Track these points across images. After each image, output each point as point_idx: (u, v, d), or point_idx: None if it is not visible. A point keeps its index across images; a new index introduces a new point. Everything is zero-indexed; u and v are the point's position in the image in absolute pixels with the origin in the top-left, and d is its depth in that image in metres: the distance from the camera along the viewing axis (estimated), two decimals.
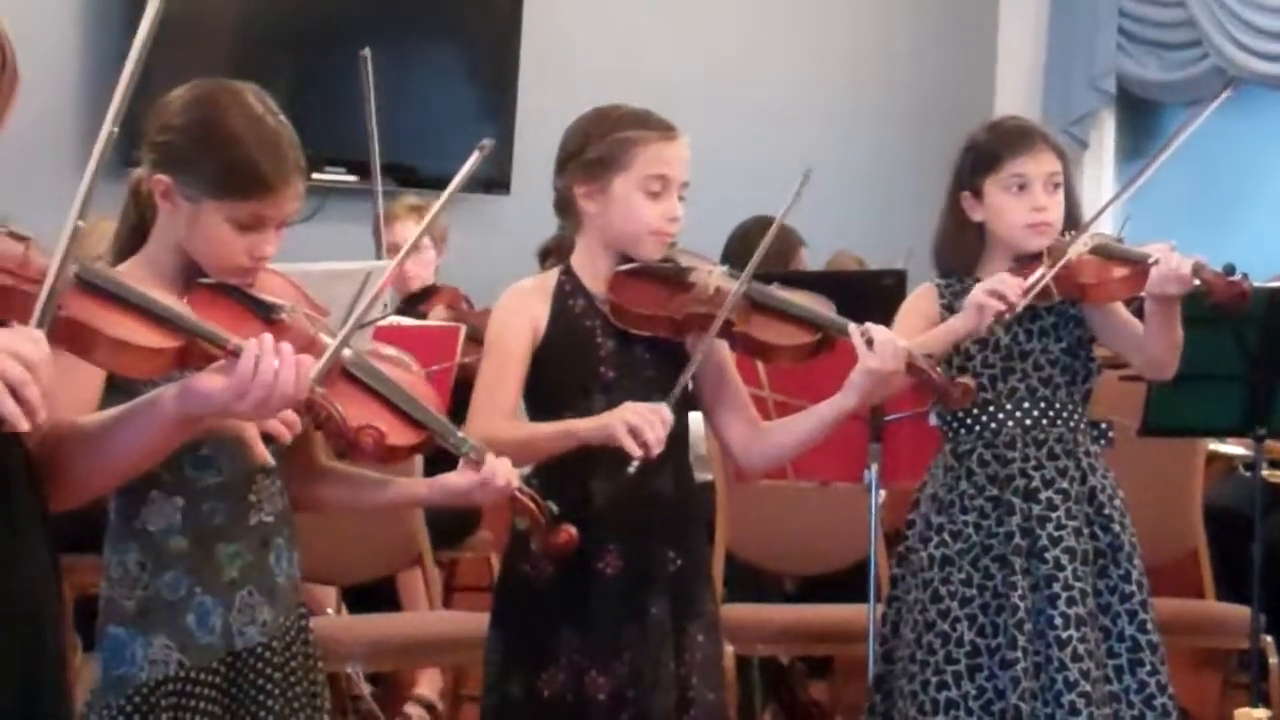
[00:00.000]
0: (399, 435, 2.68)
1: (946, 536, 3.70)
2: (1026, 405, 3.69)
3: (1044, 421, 3.69)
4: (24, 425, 1.96)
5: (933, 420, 3.78)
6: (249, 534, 2.78)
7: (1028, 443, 3.69)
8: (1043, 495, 3.67)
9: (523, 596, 3.26)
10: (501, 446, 2.82)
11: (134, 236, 2.81)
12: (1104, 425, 3.77)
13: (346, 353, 2.67)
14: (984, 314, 3.51)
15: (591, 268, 3.31)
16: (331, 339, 2.64)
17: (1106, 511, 3.70)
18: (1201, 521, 5.09)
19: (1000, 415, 3.69)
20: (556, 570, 3.19)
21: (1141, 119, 8.96)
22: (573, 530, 2.83)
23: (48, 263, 2.09)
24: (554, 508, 2.83)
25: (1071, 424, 3.71)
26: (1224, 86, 3.76)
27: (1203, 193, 8.60)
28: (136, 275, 2.68)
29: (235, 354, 2.31)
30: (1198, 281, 3.49)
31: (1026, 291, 3.53)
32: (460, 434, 2.76)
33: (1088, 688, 3.58)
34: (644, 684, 3.21)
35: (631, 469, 3.07)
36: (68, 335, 2.19)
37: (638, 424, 3.06)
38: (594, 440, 3.12)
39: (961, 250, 3.76)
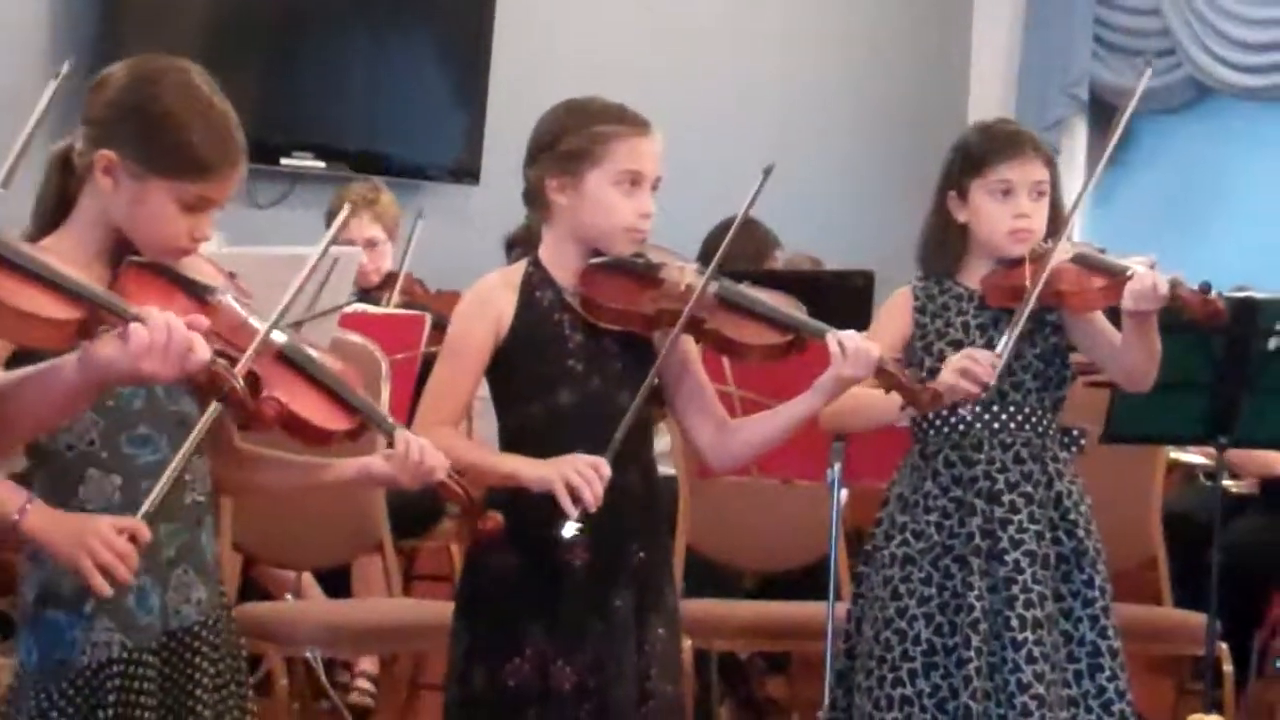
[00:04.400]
0: (333, 420, 2.69)
1: (909, 535, 3.71)
2: (996, 409, 3.69)
3: (1012, 425, 3.70)
4: None
5: (902, 421, 3.77)
6: (185, 513, 2.76)
7: (994, 445, 3.70)
8: (1005, 498, 3.68)
9: (488, 587, 3.25)
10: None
11: (57, 210, 2.74)
12: (1076, 432, 3.77)
13: (282, 338, 2.66)
14: (955, 394, 3.49)
15: (560, 260, 3.29)
16: (261, 323, 2.63)
17: (1072, 517, 3.71)
18: (1160, 528, 5.11)
19: (969, 418, 3.69)
20: (522, 562, 3.20)
21: None
22: (499, 517, 2.86)
23: None
24: (480, 495, 2.85)
25: (1040, 429, 3.71)
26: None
27: (1175, 202, 8.63)
28: (59, 249, 2.57)
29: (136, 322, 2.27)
30: (1172, 299, 3.50)
31: (995, 365, 3.50)
32: (390, 420, 2.77)
33: (1041, 690, 3.60)
34: (606, 675, 3.21)
35: (567, 533, 3.07)
36: None
37: (578, 484, 3.06)
38: (533, 488, 3.12)
39: (944, 250, 3.76)
